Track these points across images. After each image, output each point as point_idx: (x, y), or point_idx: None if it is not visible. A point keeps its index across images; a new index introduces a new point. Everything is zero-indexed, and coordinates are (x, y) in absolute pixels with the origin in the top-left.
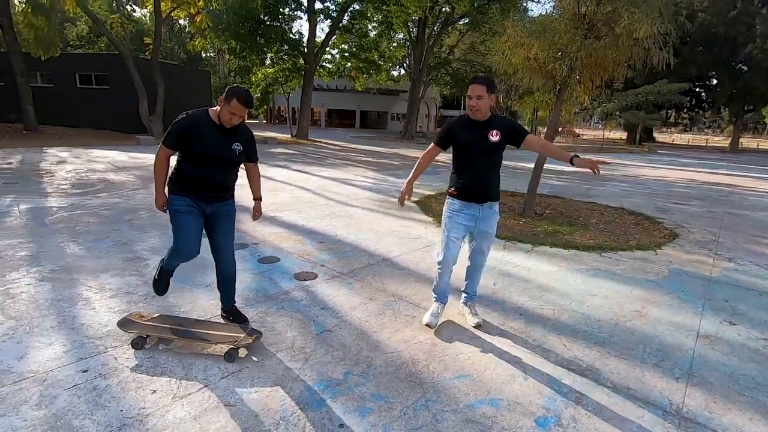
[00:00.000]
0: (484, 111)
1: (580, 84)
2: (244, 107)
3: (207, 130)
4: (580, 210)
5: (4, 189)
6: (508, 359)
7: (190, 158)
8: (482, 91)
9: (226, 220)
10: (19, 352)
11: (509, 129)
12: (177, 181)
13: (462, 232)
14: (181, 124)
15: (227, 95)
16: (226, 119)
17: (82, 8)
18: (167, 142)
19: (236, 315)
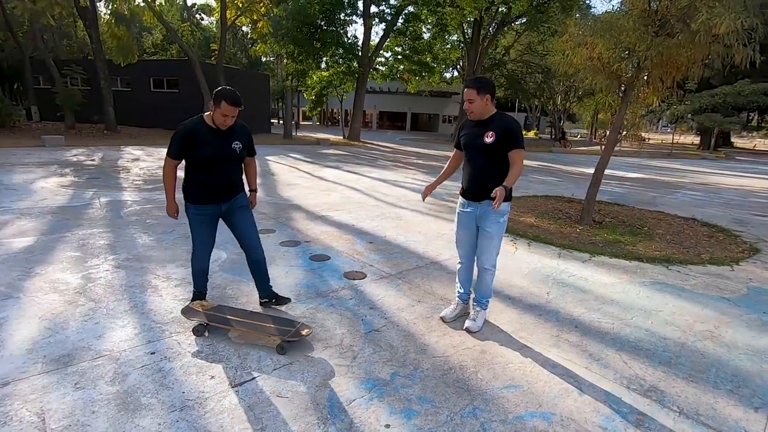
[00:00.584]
0: (477, 112)
1: (648, 85)
2: (233, 107)
3: (206, 135)
4: (645, 219)
5: (88, 183)
6: (561, 372)
7: (196, 164)
8: (472, 95)
9: (243, 211)
10: (97, 331)
11: (504, 132)
12: (189, 190)
13: (466, 229)
14: (180, 134)
15: (216, 100)
16: (220, 122)
17: (158, 18)
18: (171, 153)
19: (277, 297)
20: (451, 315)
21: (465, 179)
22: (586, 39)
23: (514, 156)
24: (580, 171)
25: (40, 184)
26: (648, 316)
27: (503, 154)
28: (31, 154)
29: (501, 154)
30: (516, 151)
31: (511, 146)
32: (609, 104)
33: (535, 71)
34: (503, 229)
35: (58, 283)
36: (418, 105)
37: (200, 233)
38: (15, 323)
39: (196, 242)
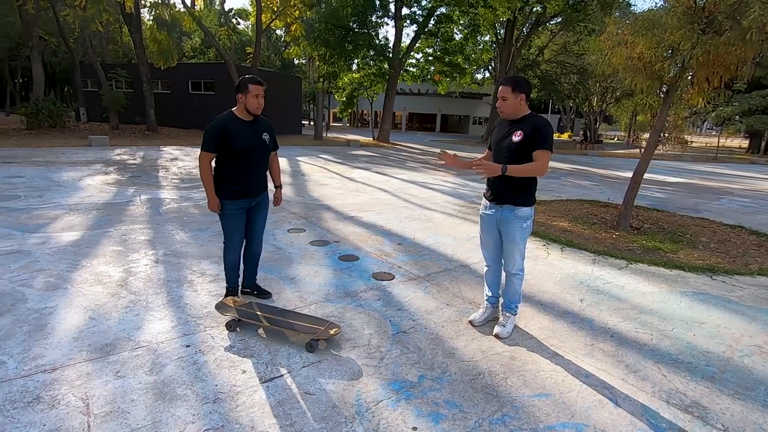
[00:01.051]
0: (509, 111)
1: (693, 85)
2: (260, 86)
3: (238, 128)
4: (687, 226)
5: (131, 181)
6: (595, 383)
7: (231, 157)
8: (506, 92)
9: (263, 209)
10: (137, 323)
11: (532, 131)
12: (225, 186)
13: (489, 232)
14: (215, 128)
15: (241, 88)
16: (254, 106)
17: (197, 23)
18: (207, 148)
19: (259, 289)
20: (480, 319)
21: (488, 180)
22: (627, 38)
23: (537, 155)
24: (617, 175)
25: (87, 181)
26: (689, 328)
27: (528, 155)
28: (79, 153)
29: (527, 156)
30: (540, 151)
31: (535, 146)
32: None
33: (570, 72)
34: (527, 233)
35: (101, 275)
36: (448, 106)
37: (235, 228)
38: (63, 312)
39: (230, 237)
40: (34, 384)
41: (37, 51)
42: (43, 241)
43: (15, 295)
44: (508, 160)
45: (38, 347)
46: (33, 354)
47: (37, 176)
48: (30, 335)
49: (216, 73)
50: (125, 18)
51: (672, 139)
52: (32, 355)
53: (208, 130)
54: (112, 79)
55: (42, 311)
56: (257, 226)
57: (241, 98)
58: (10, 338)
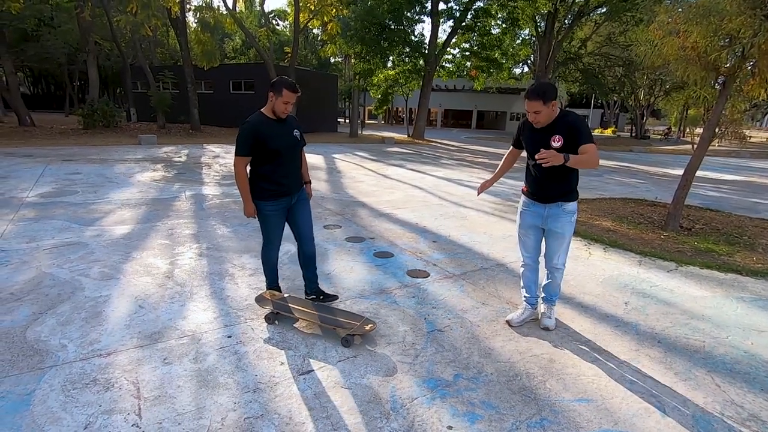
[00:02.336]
0: (544, 121)
1: (753, 75)
2: (294, 93)
3: (270, 128)
4: (744, 227)
5: (176, 178)
6: (640, 390)
7: (266, 157)
8: (538, 107)
9: (304, 204)
10: (182, 313)
11: (570, 131)
12: (263, 187)
13: (531, 229)
14: (248, 131)
15: (275, 88)
16: (281, 110)
17: (238, 25)
18: (242, 151)
19: (324, 294)
20: (519, 319)
21: (530, 182)
22: (679, 27)
23: (584, 149)
24: (665, 172)
25: (137, 177)
26: (747, 336)
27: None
28: (130, 151)
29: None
30: (585, 146)
31: (577, 143)
32: (704, 98)
33: (615, 64)
34: (573, 228)
35: (150, 267)
36: (484, 102)
37: (276, 228)
38: (116, 301)
39: (271, 238)
40: (91, 367)
41: (93, 55)
42: (99, 234)
43: (74, 283)
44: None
45: (94, 333)
46: (90, 339)
47: (93, 173)
48: (87, 321)
49: (255, 73)
50: (172, 22)
51: (729, 134)
52: (89, 340)
53: (242, 134)
54: (159, 81)
55: (97, 299)
56: (303, 222)
57: (272, 97)
58: (71, 324)
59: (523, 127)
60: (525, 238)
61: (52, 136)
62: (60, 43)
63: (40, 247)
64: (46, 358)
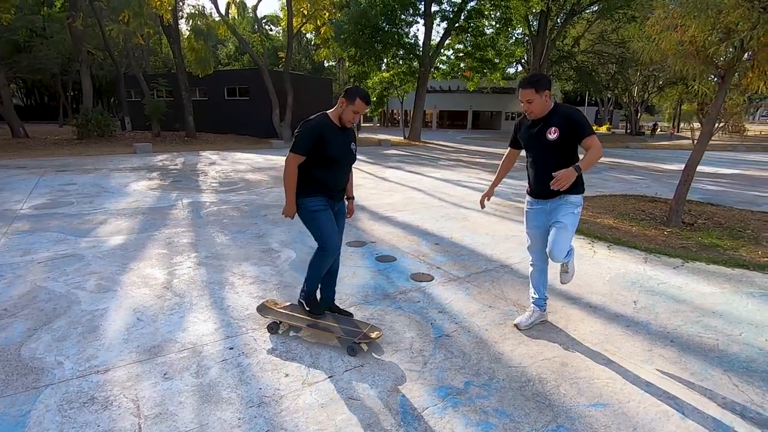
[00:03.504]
0: (538, 111)
1: (753, 68)
2: (366, 105)
3: (333, 134)
4: (747, 221)
5: (173, 186)
6: (657, 392)
7: (320, 162)
8: (530, 95)
9: (341, 217)
10: (182, 325)
11: (569, 124)
12: (306, 186)
13: (536, 227)
14: (312, 130)
15: (349, 96)
16: (349, 119)
17: (231, 31)
18: (300, 150)
19: (339, 311)
20: (527, 323)
21: (531, 179)
22: (676, 21)
23: (588, 142)
24: (662, 168)
25: (133, 186)
26: (760, 333)
27: (570, 148)
28: (125, 160)
29: (567, 149)
30: (588, 139)
31: (579, 137)
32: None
33: (609, 62)
34: (577, 221)
35: (148, 278)
36: (479, 103)
37: (331, 223)
38: (113, 314)
39: (329, 236)
40: (88, 384)
41: (86, 65)
42: (94, 245)
43: (70, 297)
44: (549, 159)
45: (91, 348)
46: (87, 355)
47: (88, 183)
48: (84, 336)
49: (250, 78)
50: (164, 30)
51: (729, 127)
52: (86, 356)
53: (304, 132)
54: (153, 89)
55: (94, 313)
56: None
57: (343, 104)
58: (67, 339)
59: (519, 125)
60: (532, 239)
61: (46, 147)
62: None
63: (35, 260)
64: (41, 377)
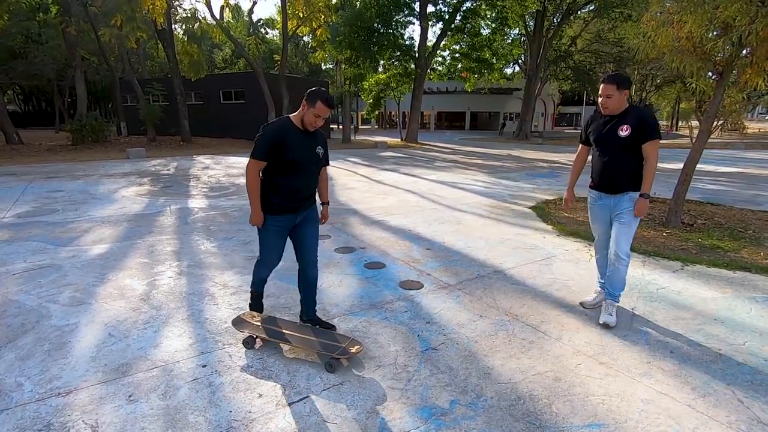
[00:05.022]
0: (613, 107)
1: (751, 64)
2: (328, 108)
3: (295, 137)
4: (747, 221)
5: (162, 191)
6: (656, 410)
7: (281, 167)
8: (611, 90)
9: (313, 224)
10: (155, 340)
11: (639, 123)
12: (270, 199)
13: (601, 222)
14: (270, 134)
15: (310, 99)
16: (311, 122)
17: (226, 35)
18: (258, 155)
19: (321, 323)
20: (592, 302)
21: (597, 173)
22: (673, 17)
23: (648, 149)
24: (660, 166)
25: (121, 193)
26: (765, 341)
27: (637, 146)
28: (117, 165)
29: (635, 147)
30: (651, 143)
31: (645, 137)
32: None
33: (606, 61)
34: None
35: (125, 289)
36: (477, 103)
37: (273, 245)
38: (84, 329)
39: (266, 254)
40: (46, 409)
41: (80, 70)
42: (74, 255)
43: (41, 311)
44: (617, 155)
45: (56, 368)
46: (50, 375)
47: (76, 189)
48: (49, 354)
49: (246, 82)
50: (158, 34)
51: (729, 125)
52: (49, 377)
53: (262, 136)
54: (148, 94)
55: (64, 328)
56: (308, 244)
57: (304, 107)
58: (31, 358)
59: (591, 121)
60: (597, 232)
61: (39, 154)
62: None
63: (10, 272)
64: None
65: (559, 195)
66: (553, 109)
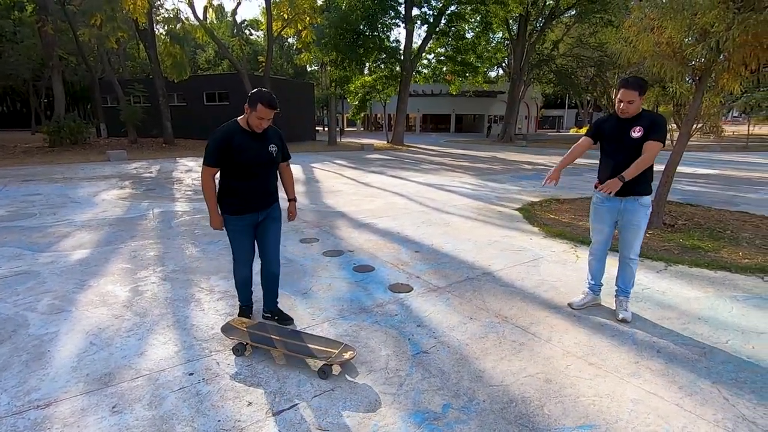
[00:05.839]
0: (633, 111)
1: (728, 69)
2: (270, 109)
3: (243, 139)
4: (726, 221)
5: (145, 195)
6: (645, 410)
7: (234, 171)
8: (634, 96)
9: (274, 222)
10: (139, 348)
11: (650, 125)
12: (228, 201)
13: (604, 223)
14: (218, 140)
15: (251, 102)
16: (255, 125)
17: (209, 36)
18: (209, 162)
19: (281, 314)
20: (580, 303)
21: (605, 174)
22: (653, 22)
23: (648, 146)
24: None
25: (102, 196)
26: (747, 339)
27: None
28: (97, 168)
29: None
30: (652, 143)
31: (649, 136)
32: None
33: (587, 65)
34: (648, 220)
35: (107, 296)
36: (462, 106)
37: (242, 244)
38: (64, 338)
39: (238, 253)
40: (24, 423)
41: (57, 70)
42: (53, 260)
43: (17, 320)
44: (628, 156)
45: (34, 379)
46: (28, 387)
47: (54, 193)
48: (27, 365)
49: (229, 83)
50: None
51: (708, 128)
52: (27, 389)
53: (211, 143)
54: (129, 95)
55: (43, 338)
56: (269, 242)
57: (247, 111)
58: (7, 369)
59: (604, 120)
60: (599, 233)
61: (14, 156)
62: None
63: None
64: None
65: (544, 197)
66: (537, 112)
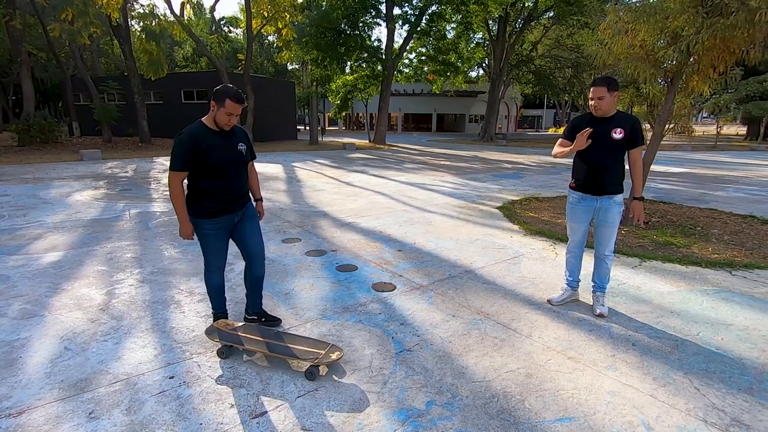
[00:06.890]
0: (605, 109)
1: (697, 72)
2: (238, 104)
3: (211, 140)
4: (696, 218)
5: (120, 195)
6: (621, 402)
7: (205, 172)
8: (602, 92)
9: (252, 221)
10: (117, 352)
11: (632, 130)
12: (201, 204)
13: (581, 222)
14: (184, 143)
15: (218, 98)
16: (224, 121)
17: (186, 32)
18: (178, 166)
19: (267, 316)
20: (559, 299)
21: (581, 173)
22: (627, 26)
23: (635, 154)
24: None
25: (75, 197)
26: (716, 331)
27: (624, 150)
28: (70, 168)
29: (623, 151)
30: (638, 149)
31: (635, 143)
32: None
33: (565, 66)
34: (621, 216)
35: (82, 299)
36: (443, 105)
37: (216, 249)
38: (37, 344)
39: (212, 259)
40: None
41: (26, 67)
42: (23, 264)
43: None
44: (606, 156)
45: (5, 387)
46: None
47: (24, 194)
48: None
49: (208, 81)
50: (114, 30)
51: (679, 128)
52: None
53: (177, 146)
54: (103, 92)
55: (14, 344)
56: (252, 242)
57: (213, 107)
58: None
59: (579, 122)
60: (576, 231)
61: None
62: None
63: None
64: None
65: (524, 196)
66: (516, 112)
